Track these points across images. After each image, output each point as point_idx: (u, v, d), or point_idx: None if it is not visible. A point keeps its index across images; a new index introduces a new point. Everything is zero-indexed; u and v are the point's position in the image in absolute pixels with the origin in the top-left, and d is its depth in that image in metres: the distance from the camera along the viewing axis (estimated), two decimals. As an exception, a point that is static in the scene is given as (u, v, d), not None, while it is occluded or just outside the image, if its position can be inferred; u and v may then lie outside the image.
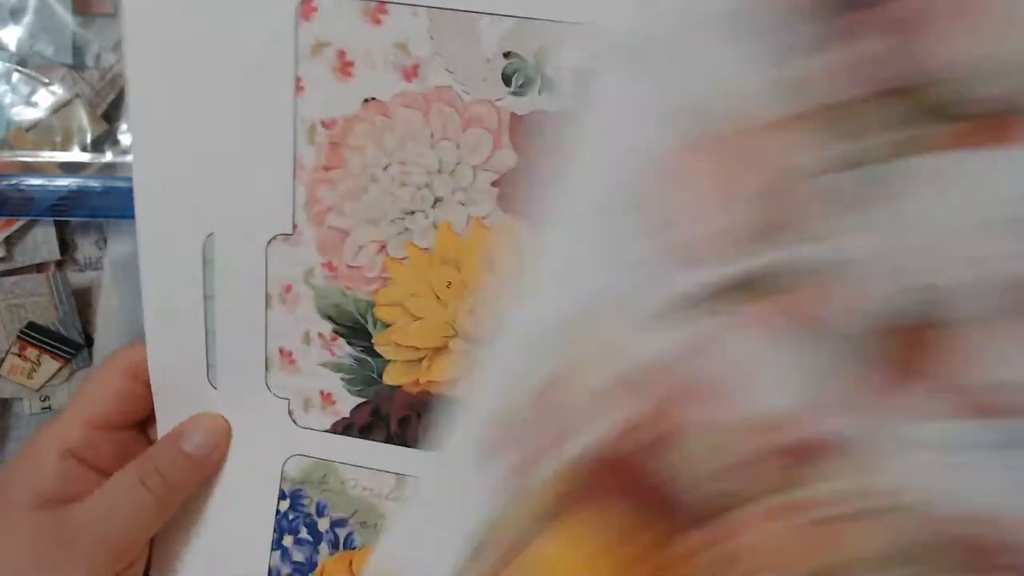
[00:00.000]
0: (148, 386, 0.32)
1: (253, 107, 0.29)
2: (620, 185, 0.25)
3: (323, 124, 0.29)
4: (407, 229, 0.30)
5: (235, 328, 0.31)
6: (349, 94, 0.28)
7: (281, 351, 0.32)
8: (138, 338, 0.32)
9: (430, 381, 0.31)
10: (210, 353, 0.32)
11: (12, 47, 0.36)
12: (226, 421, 0.32)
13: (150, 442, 0.33)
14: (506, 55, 0.27)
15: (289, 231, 0.30)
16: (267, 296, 0.31)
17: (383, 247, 0.30)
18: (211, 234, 0.30)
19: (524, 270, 0.28)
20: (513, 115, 0.28)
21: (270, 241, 0.30)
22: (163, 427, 0.32)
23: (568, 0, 0.26)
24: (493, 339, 0.27)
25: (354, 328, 0.31)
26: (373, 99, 0.28)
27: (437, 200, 0.29)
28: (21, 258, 0.37)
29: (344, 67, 0.28)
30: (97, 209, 0.36)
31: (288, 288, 0.31)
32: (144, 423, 0.33)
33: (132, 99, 0.29)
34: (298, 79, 0.28)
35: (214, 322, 0.31)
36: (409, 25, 0.27)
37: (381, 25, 0.27)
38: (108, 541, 0.30)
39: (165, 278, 0.31)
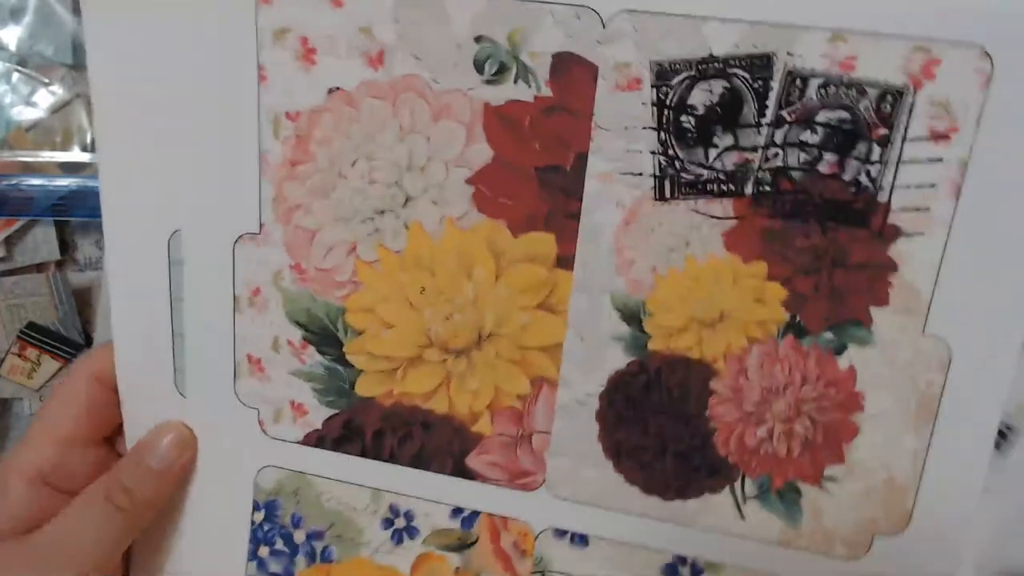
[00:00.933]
0: (117, 392, 0.31)
1: (216, 97, 0.27)
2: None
3: (288, 116, 0.27)
4: (377, 230, 0.27)
5: (204, 332, 0.30)
6: (313, 83, 0.26)
7: (250, 358, 0.30)
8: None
9: (404, 393, 0.29)
10: (177, 358, 0.30)
11: (12, 47, 0.36)
12: (190, 430, 0.31)
13: (120, 458, 0.32)
14: (477, 39, 0.25)
15: (255, 230, 0.28)
16: (235, 299, 0.29)
17: (353, 248, 0.28)
18: (176, 231, 0.29)
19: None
20: (487, 105, 0.25)
21: (237, 240, 0.28)
22: (131, 436, 0.31)
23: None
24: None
25: (324, 335, 0.29)
26: (338, 88, 0.26)
27: (408, 199, 0.27)
28: (21, 258, 0.38)
29: (307, 54, 0.26)
30: (97, 209, 0.35)
31: (256, 291, 0.29)
32: (113, 439, 0.32)
33: (94, 87, 0.27)
34: (261, 67, 0.26)
35: (182, 325, 0.30)
36: (372, 7, 0.25)
37: (343, 7, 0.25)
38: (78, 561, 0.28)
39: (130, 277, 0.29)
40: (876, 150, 0.24)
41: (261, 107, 0.27)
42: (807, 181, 0.24)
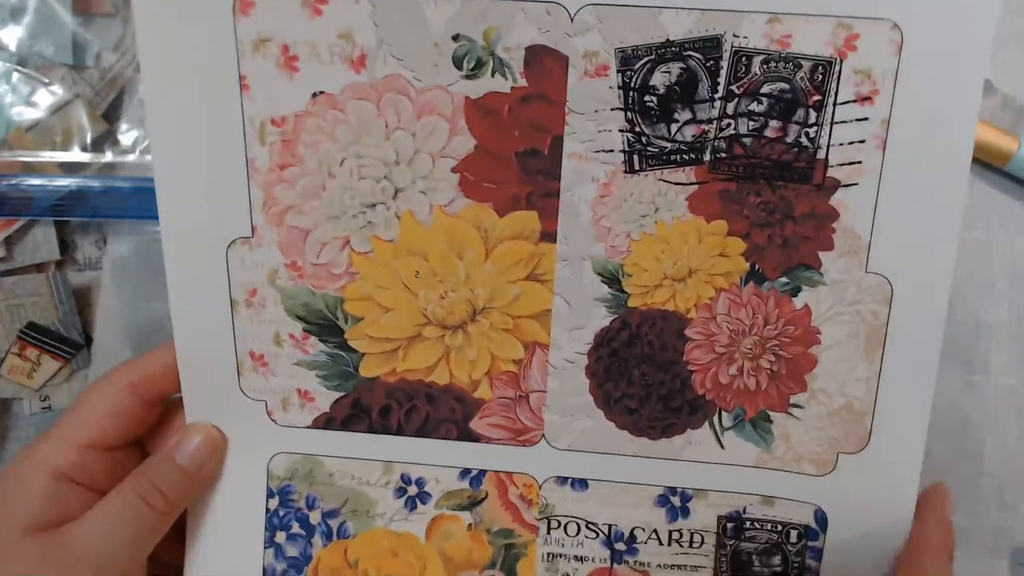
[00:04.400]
0: (148, 404, 0.31)
1: (202, 105, 0.28)
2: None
3: (273, 122, 0.28)
4: (370, 223, 0.29)
5: (203, 335, 0.31)
6: (296, 89, 0.27)
7: (252, 355, 0.31)
8: (137, 339, 0.31)
9: (407, 369, 0.31)
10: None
11: (12, 47, 0.36)
12: (220, 431, 0.32)
13: (145, 455, 0.32)
14: (455, 38, 0.27)
15: (248, 233, 0.30)
16: (232, 301, 0.30)
17: (347, 242, 0.30)
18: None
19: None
20: (467, 99, 0.27)
21: (230, 245, 0.30)
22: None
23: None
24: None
25: (325, 325, 0.31)
26: (322, 92, 0.28)
27: (398, 191, 0.29)
28: (21, 258, 0.38)
29: (289, 62, 0.27)
30: (97, 209, 0.36)
31: (254, 292, 0.30)
32: (140, 440, 0.32)
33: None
34: (242, 77, 0.27)
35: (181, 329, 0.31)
36: (351, 14, 0.27)
37: (322, 16, 0.27)
38: (110, 560, 0.29)
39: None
40: (812, 114, 0.27)
41: (245, 115, 0.28)
42: (756, 146, 0.28)
